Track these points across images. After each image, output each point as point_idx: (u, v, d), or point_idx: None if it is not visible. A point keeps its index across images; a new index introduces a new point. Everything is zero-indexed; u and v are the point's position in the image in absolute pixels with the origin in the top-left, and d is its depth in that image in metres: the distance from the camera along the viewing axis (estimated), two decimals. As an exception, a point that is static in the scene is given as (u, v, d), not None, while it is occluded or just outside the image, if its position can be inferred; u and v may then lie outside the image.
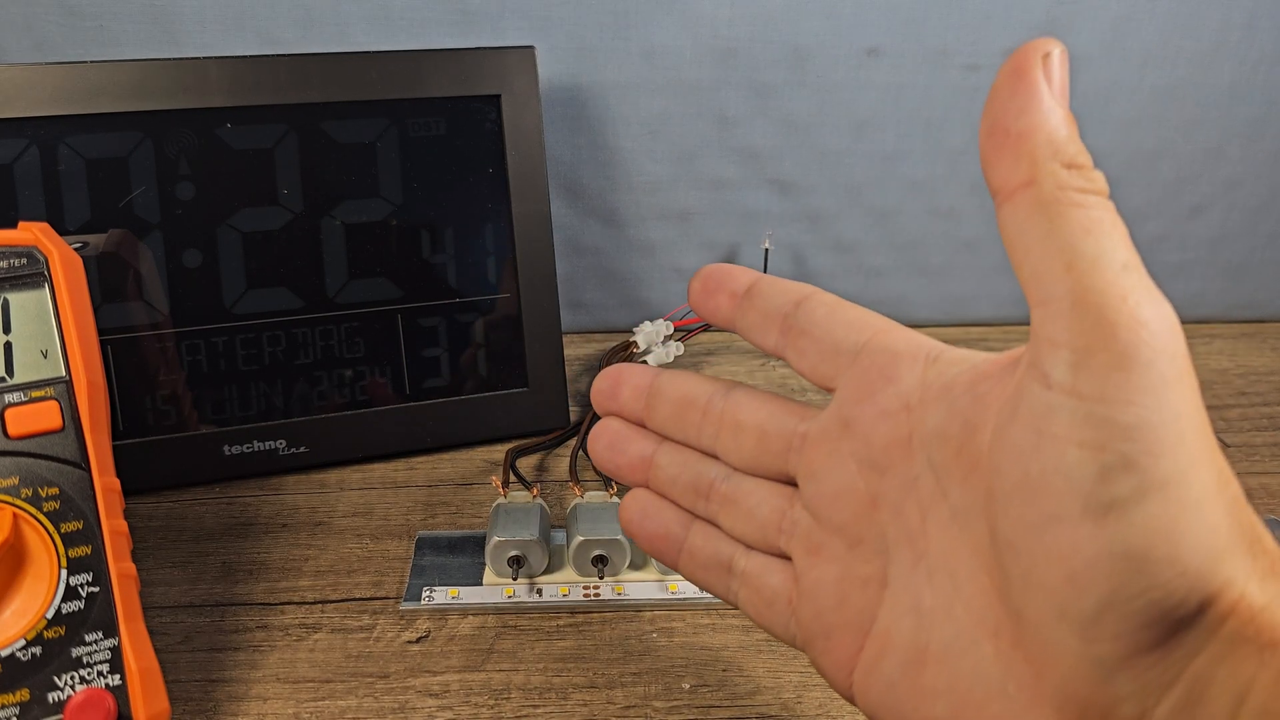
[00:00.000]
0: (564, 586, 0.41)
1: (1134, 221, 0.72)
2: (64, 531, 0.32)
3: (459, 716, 0.35)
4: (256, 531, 0.45)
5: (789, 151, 0.63)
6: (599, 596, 0.41)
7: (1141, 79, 0.63)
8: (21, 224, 0.34)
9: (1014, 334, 0.68)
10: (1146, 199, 0.66)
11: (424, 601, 0.40)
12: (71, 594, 0.31)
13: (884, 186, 0.65)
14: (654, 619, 0.40)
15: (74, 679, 0.31)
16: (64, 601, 0.31)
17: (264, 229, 0.48)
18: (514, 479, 0.47)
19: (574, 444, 0.50)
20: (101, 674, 0.31)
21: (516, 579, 0.41)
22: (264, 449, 0.49)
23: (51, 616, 0.31)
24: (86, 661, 0.31)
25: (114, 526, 0.32)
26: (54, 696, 0.30)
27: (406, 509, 0.47)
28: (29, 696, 0.30)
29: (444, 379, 0.51)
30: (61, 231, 0.45)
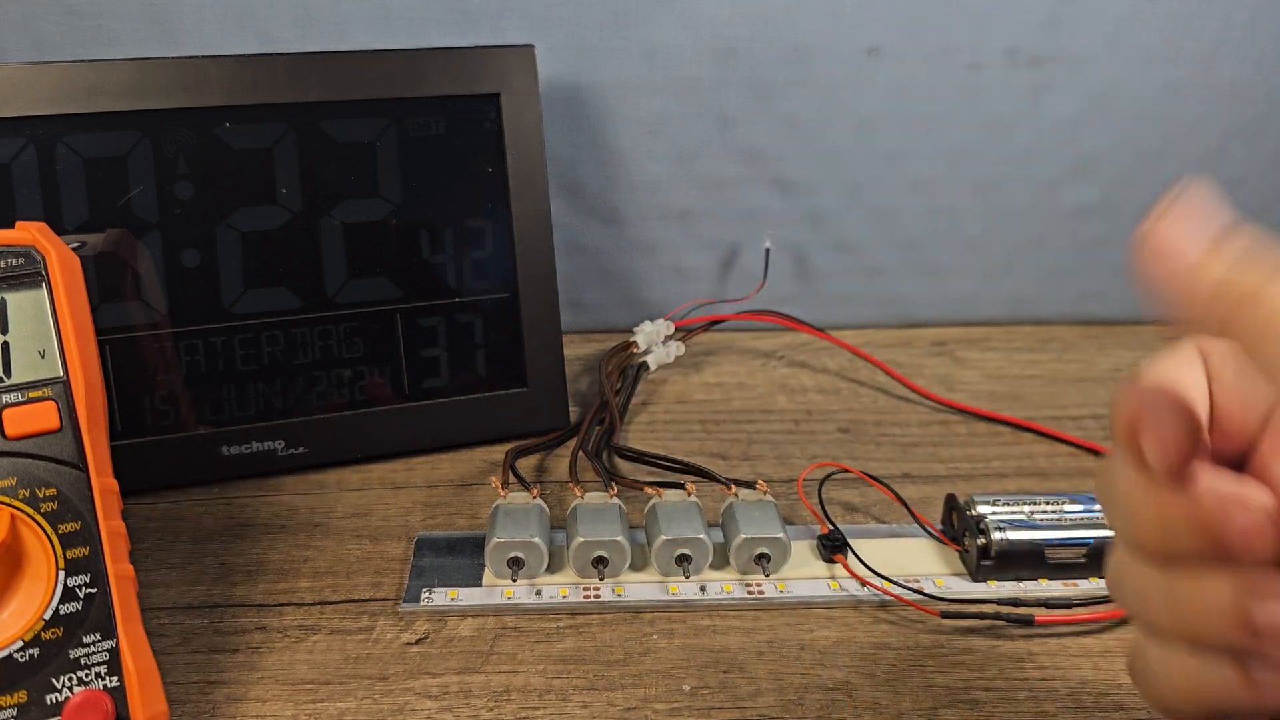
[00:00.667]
0: (564, 588, 0.41)
1: (1137, 221, 0.73)
2: (61, 532, 0.32)
3: (458, 718, 0.35)
4: (255, 532, 0.45)
5: (790, 151, 0.63)
6: (599, 598, 0.41)
7: (1142, 78, 0.63)
8: (19, 224, 0.34)
9: (1016, 334, 0.68)
10: (1149, 199, 0.65)
11: (423, 603, 0.40)
12: (69, 595, 0.31)
13: (885, 186, 0.65)
14: (654, 620, 0.40)
15: (72, 680, 0.30)
16: (62, 603, 0.31)
17: (263, 228, 0.48)
18: (514, 479, 0.46)
19: (574, 444, 0.50)
20: (99, 675, 0.31)
21: (516, 580, 0.41)
22: (263, 449, 0.49)
23: (49, 618, 0.31)
24: (84, 663, 0.31)
25: (112, 527, 0.32)
26: (52, 698, 0.30)
27: (406, 510, 0.47)
28: (27, 698, 0.30)
29: (443, 379, 0.51)
30: (60, 231, 0.45)
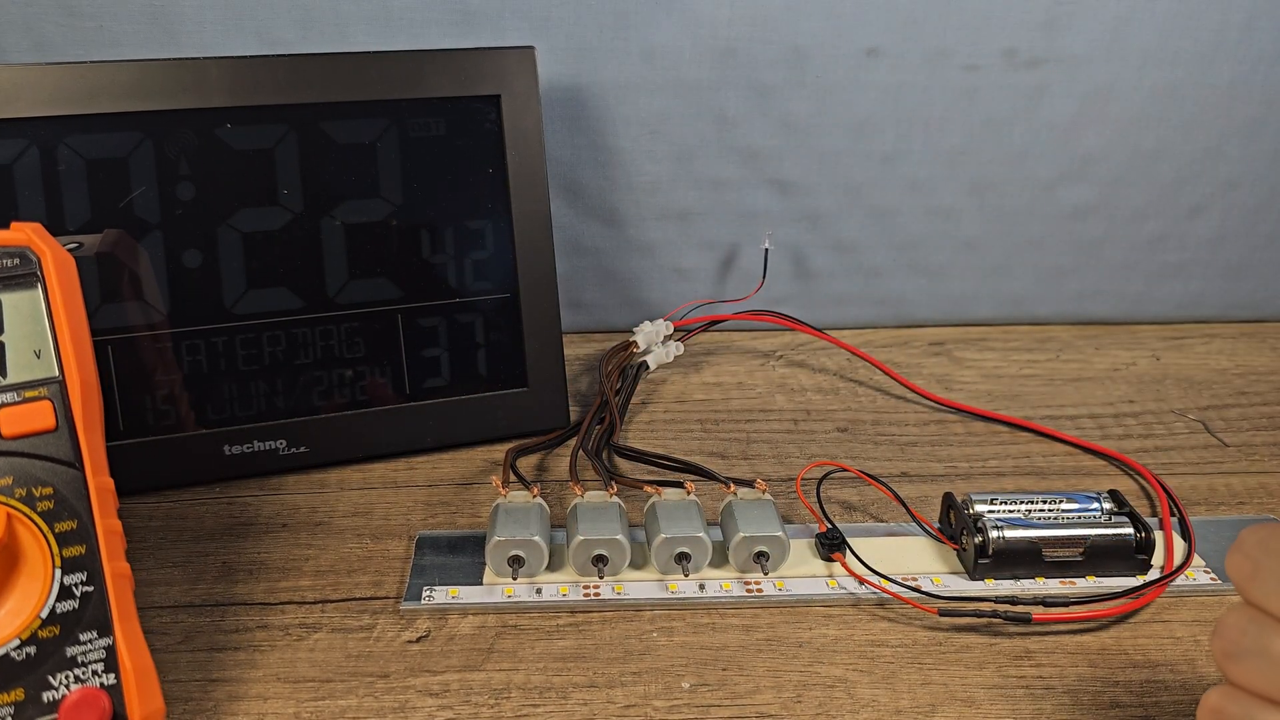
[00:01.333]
0: (564, 586, 0.41)
1: (1134, 221, 0.73)
2: (58, 531, 0.32)
3: (459, 716, 0.35)
4: (256, 531, 0.45)
5: (789, 151, 0.63)
6: (599, 596, 0.41)
7: (1140, 79, 0.63)
8: (14, 224, 0.34)
9: (1014, 334, 0.68)
10: (1146, 199, 0.66)
11: (424, 601, 0.40)
12: (66, 593, 0.31)
13: (884, 186, 0.65)
14: (654, 618, 0.40)
15: (69, 678, 0.30)
16: (58, 601, 0.31)
17: (264, 229, 0.48)
18: (514, 479, 0.46)
19: (574, 444, 0.50)
20: (96, 673, 0.31)
21: (516, 579, 0.41)
22: (264, 449, 0.49)
23: (46, 616, 0.31)
24: (81, 661, 0.31)
25: (108, 526, 0.32)
26: (49, 696, 0.30)
27: (406, 509, 0.47)
28: (24, 696, 0.30)
29: (444, 379, 0.51)
30: (62, 232, 0.45)
